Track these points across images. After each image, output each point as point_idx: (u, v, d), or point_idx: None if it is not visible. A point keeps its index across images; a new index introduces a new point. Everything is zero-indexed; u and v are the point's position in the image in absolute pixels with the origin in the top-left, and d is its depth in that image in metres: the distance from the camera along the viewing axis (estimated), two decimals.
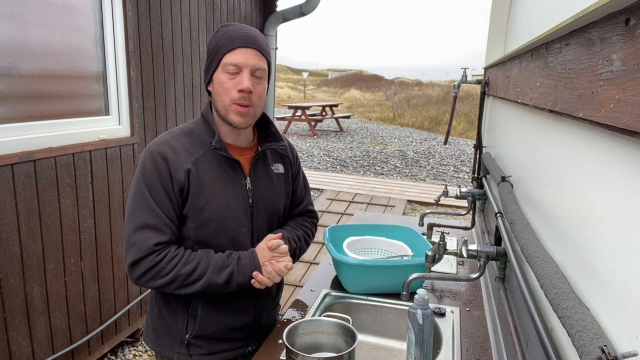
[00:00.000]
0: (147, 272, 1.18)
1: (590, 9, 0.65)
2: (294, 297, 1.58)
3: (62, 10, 2.28)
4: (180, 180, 1.21)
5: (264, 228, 1.37)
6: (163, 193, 1.20)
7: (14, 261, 2.06)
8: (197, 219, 1.24)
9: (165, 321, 1.33)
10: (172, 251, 1.21)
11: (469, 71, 2.45)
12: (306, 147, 11.08)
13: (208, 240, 1.27)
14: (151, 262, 1.18)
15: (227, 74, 1.20)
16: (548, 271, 0.78)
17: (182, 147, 1.24)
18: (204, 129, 1.29)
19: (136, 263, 1.18)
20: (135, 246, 1.18)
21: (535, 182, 1.16)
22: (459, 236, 2.36)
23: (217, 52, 1.21)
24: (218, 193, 1.25)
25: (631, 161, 0.60)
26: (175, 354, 1.32)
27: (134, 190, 1.22)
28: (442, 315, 1.53)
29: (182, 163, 1.22)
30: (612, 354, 0.53)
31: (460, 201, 5.86)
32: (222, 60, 1.20)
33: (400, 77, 47.49)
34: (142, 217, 1.19)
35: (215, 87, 1.23)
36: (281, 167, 1.42)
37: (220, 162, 1.27)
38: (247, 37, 1.21)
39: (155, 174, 1.20)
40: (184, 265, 1.20)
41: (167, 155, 1.21)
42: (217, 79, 1.23)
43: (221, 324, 1.33)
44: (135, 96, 2.73)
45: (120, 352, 2.87)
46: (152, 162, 1.21)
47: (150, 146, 1.24)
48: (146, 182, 1.20)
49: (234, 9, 3.88)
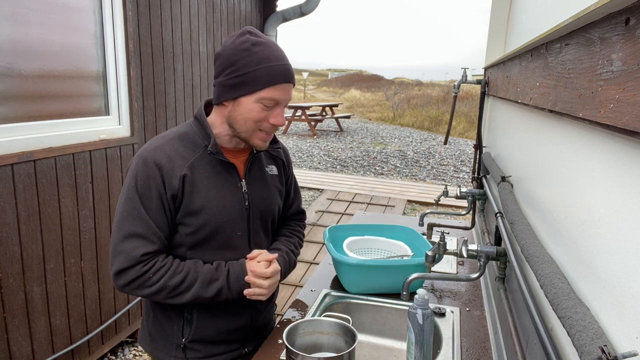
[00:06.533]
0: (132, 282, 1.17)
1: (590, 9, 0.65)
2: (294, 297, 1.58)
3: (62, 10, 2.28)
4: (174, 187, 1.18)
5: (260, 230, 1.36)
6: (155, 201, 1.17)
7: (14, 261, 2.06)
8: (192, 224, 1.22)
9: (161, 326, 1.32)
10: (159, 261, 1.19)
11: (469, 71, 2.45)
12: (306, 147, 11.08)
13: (203, 244, 1.25)
14: (138, 272, 1.16)
15: (262, 106, 1.17)
16: (548, 271, 0.78)
17: (176, 152, 1.21)
18: (197, 132, 1.26)
19: (121, 272, 1.16)
20: (122, 255, 1.16)
21: (535, 182, 1.16)
22: (459, 236, 2.35)
23: (255, 82, 1.15)
24: (214, 197, 1.23)
25: (631, 161, 0.60)
26: (172, 357, 1.31)
27: (125, 197, 1.18)
28: (442, 315, 1.53)
29: (176, 169, 1.19)
30: (612, 354, 0.53)
31: (460, 201, 5.85)
32: (260, 93, 1.15)
33: (400, 77, 47.50)
34: (130, 226, 1.17)
35: (240, 110, 1.18)
36: (274, 168, 1.42)
37: (215, 165, 1.25)
38: (288, 73, 1.18)
39: (147, 181, 1.17)
40: (171, 276, 1.18)
41: (161, 162, 1.18)
42: (246, 105, 1.17)
43: (217, 327, 1.32)
44: (135, 96, 2.73)
45: (120, 352, 2.87)
46: (145, 169, 1.17)
47: (143, 152, 1.20)
48: (138, 190, 1.17)
49: (234, 9, 3.88)
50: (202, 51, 3.44)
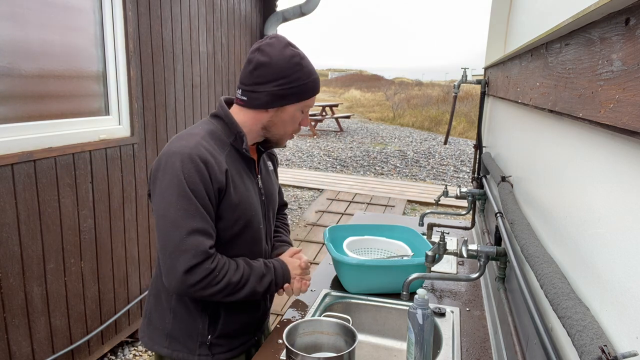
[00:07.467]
0: (201, 280, 1.18)
1: (590, 9, 0.65)
2: (294, 297, 1.59)
3: (62, 10, 2.28)
4: (221, 180, 1.22)
5: (270, 223, 1.46)
6: (205, 196, 1.20)
7: (14, 261, 2.06)
8: (230, 218, 1.26)
9: (184, 325, 1.32)
10: (221, 258, 1.23)
11: (469, 71, 2.45)
12: (306, 147, 11.09)
13: (235, 239, 1.30)
14: (207, 270, 1.18)
15: (301, 112, 1.32)
16: (548, 271, 0.78)
17: (213, 148, 1.25)
18: (222, 130, 1.30)
19: (191, 270, 1.16)
20: (190, 252, 1.16)
21: (535, 182, 1.16)
22: (459, 236, 2.35)
23: (303, 92, 1.28)
24: (245, 192, 1.30)
25: (631, 161, 0.60)
26: (196, 356, 1.32)
27: (177, 194, 1.17)
28: (442, 315, 1.53)
29: (220, 164, 1.23)
30: (612, 354, 0.53)
31: (460, 201, 5.85)
32: (306, 102, 1.30)
33: (400, 77, 47.47)
34: (191, 222, 1.17)
35: (284, 117, 1.30)
36: (271, 164, 1.53)
37: (240, 161, 1.32)
38: (319, 84, 1.34)
39: (197, 177, 1.18)
40: (233, 273, 1.23)
41: (206, 157, 1.20)
42: (290, 112, 1.29)
43: (241, 321, 1.38)
44: (135, 96, 2.73)
45: (120, 352, 2.87)
46: (193, 165, 1.18)
47: (184, 149, 1.20)
48: (189, 186, 1.18)
49: (234, 9, 3.88)
50: (202, 51, 3.44)
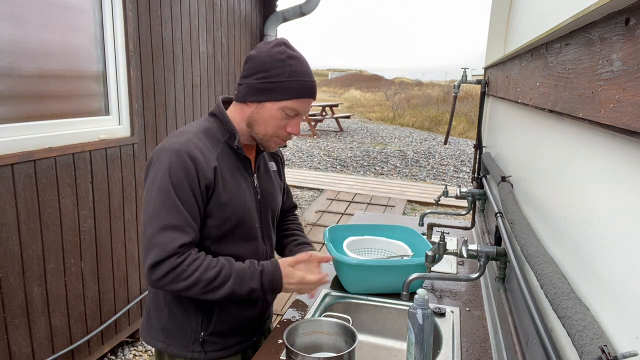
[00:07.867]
0: (167, 275, 1.17)
1: (590, 9, 0.65)
2: (294, 297, 1.59)
3: (62, 10, 2.28)
4: (209, 177, 1.21)
5: (269, 222, 1.44)
6: (189, 192, 1.19)
7: (14, 261, 2.06)
8: (220, 216, 1.26)
9: (178, 321, 1.33)
10: (193, 254, 1.21)
11: (469, 71, 2.45)
12: (306, 147, 11.08)
13: (227, 237, 1.29)
14: (172, 264, 1.17)
15: (284, 114, 1.25)
16: (548, 271, 0.78)
17: (204, 145, 1.25)
18: (217, 128, 1.31)
19: (157, 265, 1.17)
20: (158, 247, 1.16)
21: (535, 182, 1.16)
22: (459, 236, 2.35)
23: (283, 91, 1.22)
24: (236, 190, 1.29)
25: (631, 161, 0.60)
26: (190, 352, 1.33)
27: (158, 189, 1.19)
28: (442, 315, 1.53)
29: (209, 161, 1.23)
30: (612, 354, 0.53)
31: (460, 201, 5.84)
32: (285, 102, 1.23)
33: (400, 77, 47.46)
34: (166, 217, 1.18)
35: (263, 114, 1.25)
36: (274, 164, 1.51)
37: (235, 160, 1.31)
38: (313, 89, 1.27)
39: (182, 172, 1.19)
40: (205, 270, 1.20)
41: (195, 154, 1.21)
42: (269, 110, 1.24)
43: (235, 319, 1.37)
44: (135, 96, 2.73)
45: (120, 352, 2.87)
46: (180, 161, 1.19)
47: (174, 145, 1.22)
48: (172, 181, 1.18)
49: (234, 9, 3.88)
50: (202, 51, 3.44)
